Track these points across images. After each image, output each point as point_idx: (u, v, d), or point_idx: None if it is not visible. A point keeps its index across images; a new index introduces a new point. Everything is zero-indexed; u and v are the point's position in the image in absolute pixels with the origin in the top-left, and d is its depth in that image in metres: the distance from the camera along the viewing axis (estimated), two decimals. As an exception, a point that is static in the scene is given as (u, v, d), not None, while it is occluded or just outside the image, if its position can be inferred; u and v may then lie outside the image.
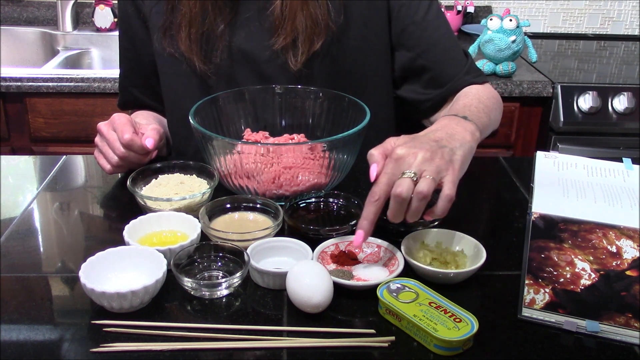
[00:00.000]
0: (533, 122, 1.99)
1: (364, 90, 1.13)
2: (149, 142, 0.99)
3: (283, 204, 0.93)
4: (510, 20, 1.87)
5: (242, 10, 1.09)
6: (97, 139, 1.02)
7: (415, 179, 0.78)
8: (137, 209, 0.93)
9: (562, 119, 1.89)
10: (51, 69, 1.98)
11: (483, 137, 0.99)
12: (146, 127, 1.02)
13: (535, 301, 0.75)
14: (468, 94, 1.09)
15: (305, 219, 0.93)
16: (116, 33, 1.25)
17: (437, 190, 0.80)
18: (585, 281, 0.75)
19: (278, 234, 0.88)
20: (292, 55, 1.07)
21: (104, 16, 2.29)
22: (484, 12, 2.49)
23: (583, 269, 0.76)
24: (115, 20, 2.29)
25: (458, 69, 1.13)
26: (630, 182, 0.91)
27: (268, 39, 1.08)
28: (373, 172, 0.82)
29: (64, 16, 2.29)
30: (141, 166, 1.01)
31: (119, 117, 0.99)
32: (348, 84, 1.13)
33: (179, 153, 1.21)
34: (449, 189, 0.79)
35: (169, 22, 1.10)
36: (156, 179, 0.99)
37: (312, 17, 1.05)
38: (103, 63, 2.28)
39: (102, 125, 1.00)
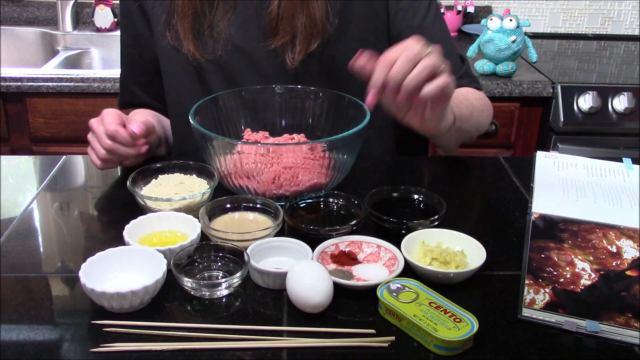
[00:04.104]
0: (533, 122, 1.98)
1: (363, 90, 1.13)
2: (135, 126, 0.99)
3: (283, 204, 0.93)
4: (510, 20, 1.87)
5: (241, 8, 1.09)
6: (89, 135, 1.02)
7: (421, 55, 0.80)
8: (137, 209, 0.93)
9: (562, 119, 1.89)
10: (51, 69, 1.98)
11: (457, 126, 1.01)
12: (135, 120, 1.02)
13: (535, 301, 0.75)
14: (456, 91, 1.07)
15: (305, 219, 0.93)
16: (116, 33, 1.25)
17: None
18: (585, 281, 0.75)
19: (278, 234, 0.88)
20: (289, 53, 1.08)
21: (104, 16, 2.29)
22: (484, 12, 2.49)
23: (583, 269, 0.76)
24: (116, 20, 2.29)
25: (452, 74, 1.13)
26: (630, 182, 0.91)
27: (265, 38, 1.08)
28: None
29: (64, 16, 2.29)
30: (136, 163, 1.01)
31: (108, 111, 1.00)
32: (347, 84, 1.13)
33: (180, 152, 1.21)
34: (445, 78, 0.82)
35: (171, 17, 1.10)
36: (156, 179, 0.99)
37: (311, 17, 1.06)
38: (103, 63, 2.28)
39: (93, 121, 1.01)
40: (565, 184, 0.90)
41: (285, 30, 1.06)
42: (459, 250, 0.85)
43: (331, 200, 0.96)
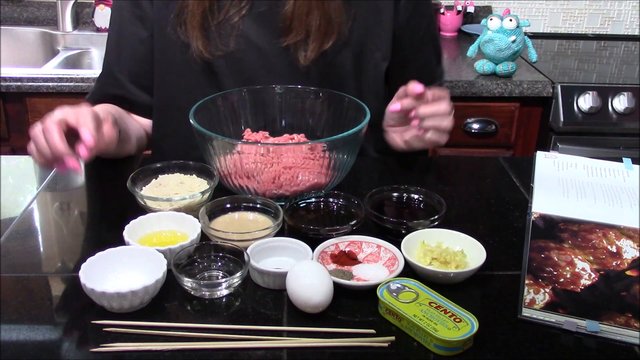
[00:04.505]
0: (533, 122, 1.98)
1: (368, 90, 1.15)
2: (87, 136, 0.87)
3: (283, 204, 0.93)
4: (510, 20, 1.87)
5: (256, 5, 1.10)
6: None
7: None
8: (137, 209, 0.93)
9: (562, 119, 1.89)
10: (51, 69, 1.97)
11: None
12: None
13: (535, 301, 0.75)
14: None
15: (305, 219, 0.93)
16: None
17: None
18: (585, 281, 0.75)
19: (278, 234, 0.88)
20: (302, 51, 1.09)
21: (104, 16, 2.29)
22: (484, 12, 2.49)
23: (583, 269, 0.76)
24: (115, 20, 2.28)
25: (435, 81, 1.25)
26: (630, 182, 0.91)
27: (279, 36, 1.09)
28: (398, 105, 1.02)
29: (64, 16, 2.29)
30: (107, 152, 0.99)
31: (82, 112, 0.91)
32: (353, 84, 1.14)
33: (187, 151, 1.18)
34: (445, 138, 1.04)
35: (181, 12, 1.09)
36: (156, 179, 0.99)
37: (326, 16, 1.07)
38: (103, 63, 2.28)
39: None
40: (565, 184, 0.90)
41: (299, 28, 1.07)
42: (459, 250, 0.85)
43: (331, 200, 0.96)
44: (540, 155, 1.00)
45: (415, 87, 0.98)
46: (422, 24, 1.21)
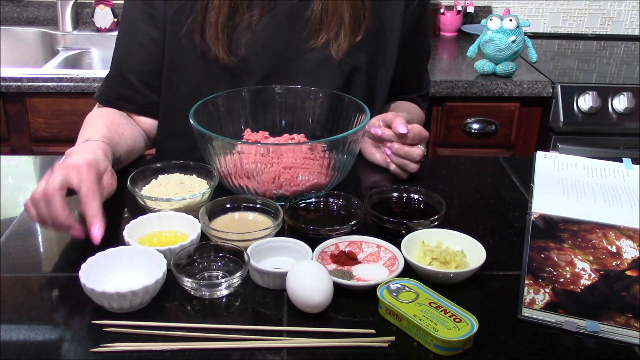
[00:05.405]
0: (533, 122, 1.99)
1: (377, 92, 1.16)
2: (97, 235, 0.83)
3: (283, 204, 0.93)
4: (510, 20, 1.87)
5: (278, 5, 1.10)
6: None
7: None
8: (137, 209, 0.93)
9: (562, 119, 1.89)
10: (51, 69, 1.98)
11: None
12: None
13: (535, 301, 0.75)
14: (405, 104, 1.28)
15: (305, 219, 0.93)
16: (116, 33, 1.21)
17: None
18: (585, 281, 0.75)
19: (278, 234, 0.88)
20: (334, 45, 1.10)
21: (104, 16, 2.29)
22: (484, 12, 2.49)
23: (583, 269, 0.76)
24: (116, 20, 2.29)
25: (414, 91, 1.30)
26: (630, 182, 0.91)
27: (302, 37, 1.09)
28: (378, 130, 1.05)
29: (64, 16, 2.29)
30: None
31: (85, 181, 0.85)
32: (365, 86, 1.14)
33: (186, 148, 1.17)
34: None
35: (200, 16, 1.08)
36: (156, 179, 0.99)
37: (355, 12, 1.09)
38: (103, 63, 2.28)
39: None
40: (565, 184, 0.90)
41: (331, 26, 1.08)
42: (459, 250, 0.85)
43: (331, 200, 0.96)
44: (540, 155, 1.00)
45: (400, 127, 1.01)
46: (424, 33, 1.24)
